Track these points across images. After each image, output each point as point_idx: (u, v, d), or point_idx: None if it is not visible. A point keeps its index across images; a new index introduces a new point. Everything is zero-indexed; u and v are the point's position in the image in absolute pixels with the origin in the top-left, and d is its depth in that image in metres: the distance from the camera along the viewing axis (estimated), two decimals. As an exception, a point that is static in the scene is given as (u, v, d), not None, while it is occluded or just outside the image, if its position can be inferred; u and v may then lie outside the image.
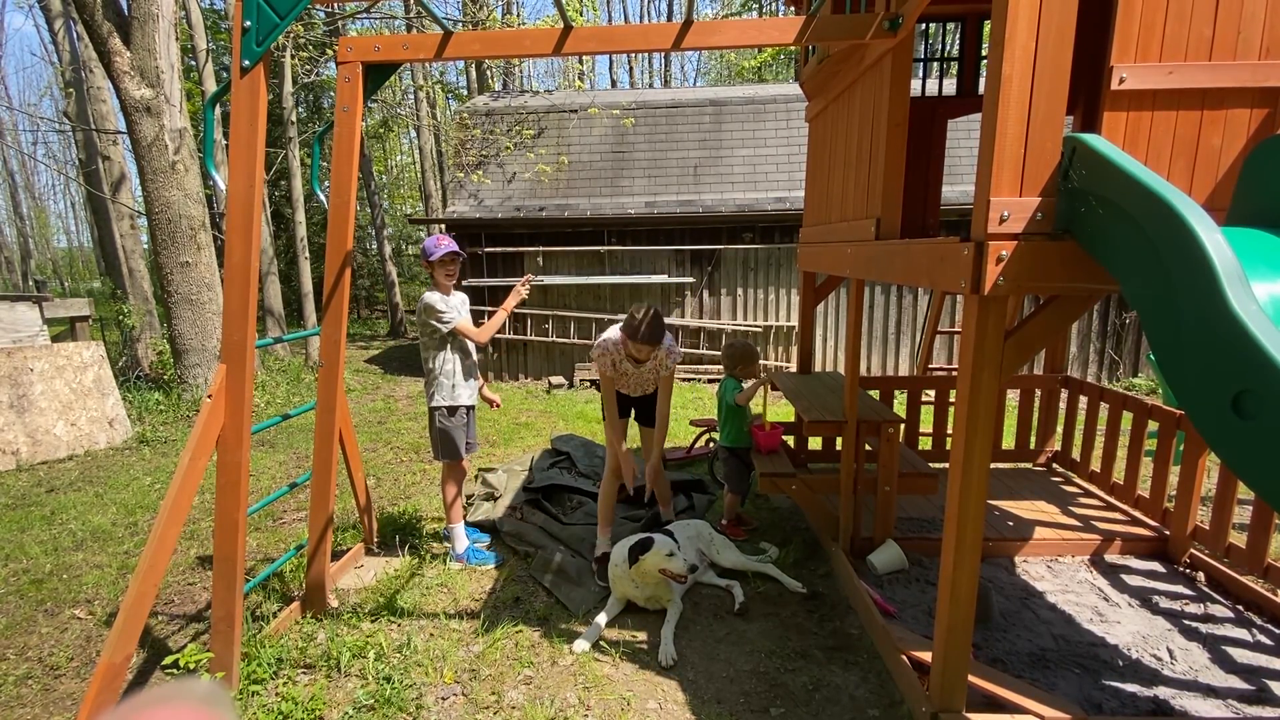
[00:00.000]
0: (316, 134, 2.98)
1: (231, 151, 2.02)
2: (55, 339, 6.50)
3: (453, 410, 3.31)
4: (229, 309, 2.09)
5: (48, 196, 34.24)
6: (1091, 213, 1.64)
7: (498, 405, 3.60)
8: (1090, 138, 1.70)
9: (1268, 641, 2.59)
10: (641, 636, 2.77)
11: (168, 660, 2.28)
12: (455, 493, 3.41)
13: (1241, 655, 2.51)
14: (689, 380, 8.31)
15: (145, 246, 10.44)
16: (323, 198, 2.77)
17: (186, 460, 2.01)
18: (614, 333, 3.17)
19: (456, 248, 3.20)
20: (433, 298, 3.19)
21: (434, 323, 3.18)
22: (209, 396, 2.09)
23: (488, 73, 15.81)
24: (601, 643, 2.71)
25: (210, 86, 10.08)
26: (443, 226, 8.66)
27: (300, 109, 14.75)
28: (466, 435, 3.42)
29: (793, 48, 15.65)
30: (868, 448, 3.31)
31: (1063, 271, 1.75)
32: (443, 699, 2.38)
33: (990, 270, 1.76)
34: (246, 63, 2.15)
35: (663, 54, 23.69)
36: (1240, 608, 2.81)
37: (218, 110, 7.15)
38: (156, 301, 9.15)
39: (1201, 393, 1.34)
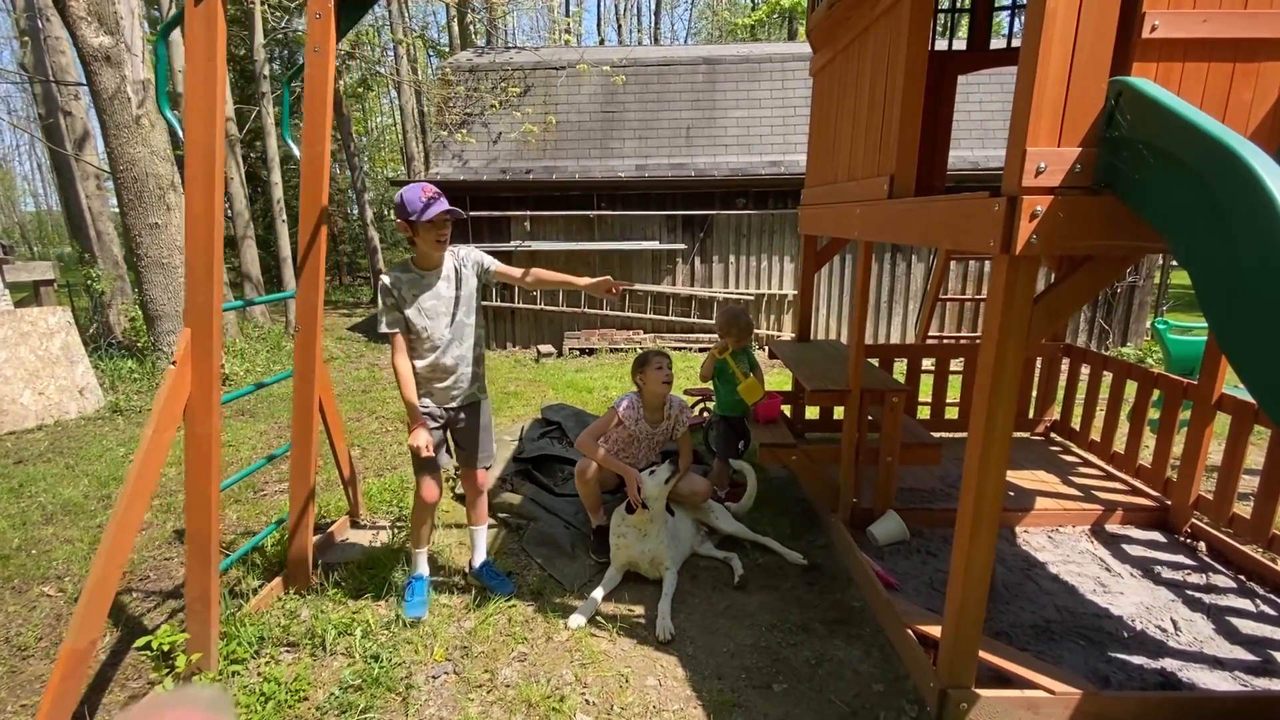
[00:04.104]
0: (285, 78, 2.70)
1: (188, 91, 1.81)
2: (19, 304, 6.21)
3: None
4: (192, 268, 1.90)
5: (12, 157, 32.87)
6: (1139, 163, 1.51)
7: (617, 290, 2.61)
8: (1139, 81, 1.56)
9: (1271, 612, 2.57)
10: (638, 611, 2.69)
11: (140, 642, 2.16)
12: (417, 512, 2.70)
13: (1245, 626, 2.48)
14: (680, 349, 8.19)
15: (114, 208, 9.99)
16: (293, 147, 2.55)
17: (150, 433, 1.85)
18: (624, 396, 3.14)
19: (448, 205, 2.37)
20: (385, 282, 2.44)
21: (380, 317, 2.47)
22: (173, 363, 1.92)
23: (471, 28, 15.16)
24: (598, 617, 2.63)
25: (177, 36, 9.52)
26: (426, 189, 8.33)
27: (274, 65, 14.08)
28: (444, 446, 2.69)
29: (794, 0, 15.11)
30: (869, 417, 3.22)
31: (1101, 229, 1.63)
32: (433, 678, 2.29)
33: (1023, 228, 1.63)
34: (202, -10, 1.91)
35: (655, 3, 22.90)
36: (1242, 578, 2.79)
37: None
38: (127, 265, 8.78)
39: (1266, 357, 1.23)
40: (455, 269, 2.55)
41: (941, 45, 4.09)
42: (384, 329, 2.47)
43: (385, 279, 2.46)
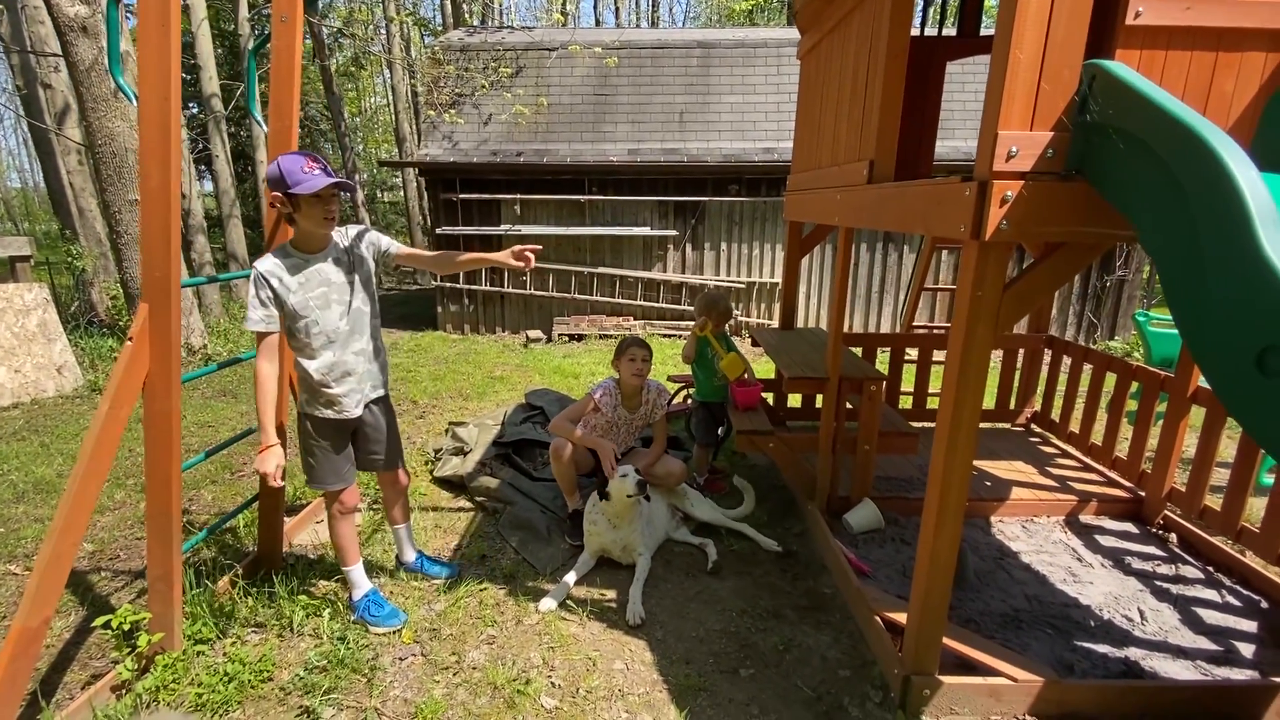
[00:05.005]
0: (251, 49, 2.63)
1: (140, 58, 1.75)
2: (-5, 280, 6.10)
3: (314, 423, 2.30)
4: (147, 241, 1.86)
5: (-4, 131, 32.28)
6: (1110, 149, 1.48)
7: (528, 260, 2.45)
8: (1113, 64, 1.53)
9: (1235, 602, 2.59)
10: (610, 595, 2.69)
11: (99, 621, 2.14)
12: (339, 529, 2.45)
13: (1210, 616, 2.50)
14: (669, 336, 8.16)
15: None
16: (260, 120, 2.49)
17: (105, 409, 1.81)
18: (601, 383, 3.15)
19: (335, 177, 2.03)
20: (259, 271, 2.06)
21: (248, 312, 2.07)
22: (130, 339, 1.88)
23: (464, 6, 14.91)
24: (569, 601, 2.62)
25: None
26: (415, 170, 8.22)
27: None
28: (347, 457, 2.40)
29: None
30: (848, 406, 3.21)
31: (1073, 216, 1.60)
32: (400, 660, 2.28)
33: (993, 213, 1.60)
34: (159, -48, 1.85)
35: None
36: (1210, 569, 2.81)
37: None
38: (110, 243, 8.65)
39: (1222, 348, 1.21)
40: (346, 250, 2.23)
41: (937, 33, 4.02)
42: (254, 327, 2.04)
43: (260, 267, 2.05)
